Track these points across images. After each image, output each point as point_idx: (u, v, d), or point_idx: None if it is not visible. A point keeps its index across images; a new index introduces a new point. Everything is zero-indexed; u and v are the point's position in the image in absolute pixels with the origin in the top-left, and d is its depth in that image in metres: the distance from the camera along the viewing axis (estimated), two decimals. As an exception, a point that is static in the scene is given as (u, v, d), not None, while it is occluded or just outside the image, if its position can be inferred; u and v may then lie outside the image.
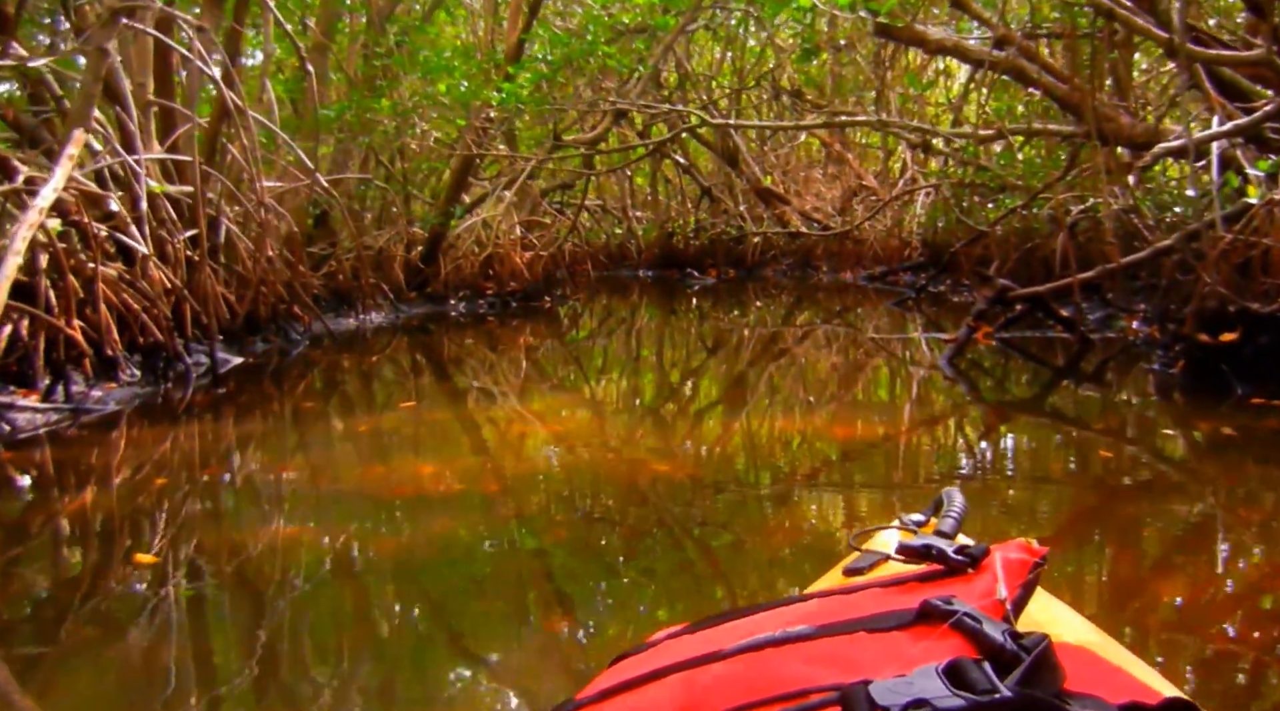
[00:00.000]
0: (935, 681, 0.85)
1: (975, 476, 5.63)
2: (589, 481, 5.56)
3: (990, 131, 14.55)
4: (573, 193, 19.73)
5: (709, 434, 7.01)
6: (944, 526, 1.49)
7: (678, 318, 16.93)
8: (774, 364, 10.38)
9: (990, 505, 4.90)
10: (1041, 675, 0.88)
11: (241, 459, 6.07)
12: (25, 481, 5.64)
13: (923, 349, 10.72)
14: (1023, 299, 9.54)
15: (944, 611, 1.01)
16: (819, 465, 6.04)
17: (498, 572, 4.16)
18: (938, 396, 8.26)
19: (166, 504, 5.14)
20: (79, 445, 6.37)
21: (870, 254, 21.16)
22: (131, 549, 4.51)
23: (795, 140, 24.97)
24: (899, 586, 1.23)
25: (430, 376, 10.01)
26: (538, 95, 13.88)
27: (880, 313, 15.63)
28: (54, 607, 3.76)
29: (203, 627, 3.67)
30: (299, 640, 3.51)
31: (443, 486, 5.26)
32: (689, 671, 1.04)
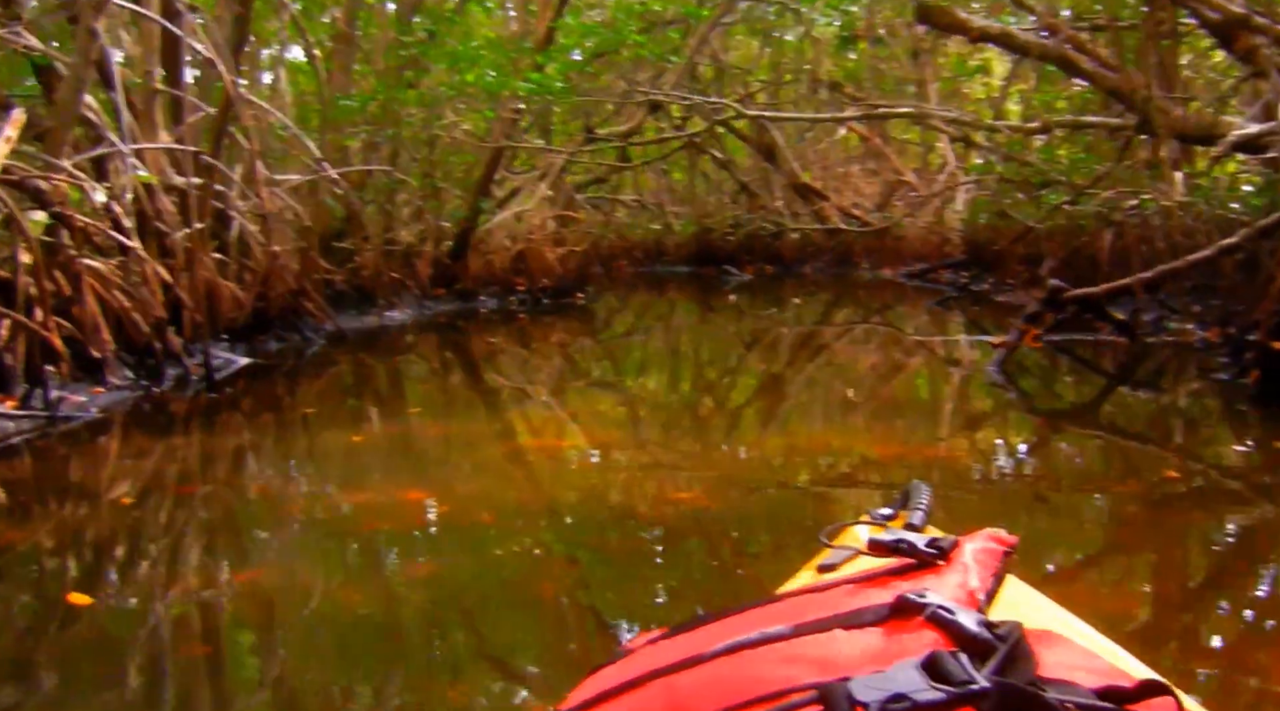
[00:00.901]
0: (913, 675, 0.81)
1: (1034, 497, 4.84)
2: (612, 513, 4.79)
3: (1035, 124, 13.72)
4: (607, 187, 18.93)
5: (745, 445, 6.22)
6: (913, 519, 1.47)
7: (714, 313, 16.18)
8: (812, 366, 9.58)
9: (1056, 530, 4.14)
10: (1017, 663, 0.87)
11: (217, 478, 5.32)
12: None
13: (968, 351, 9.87)
14: (1076, 301, 8.68)
15: (918, 604, 0.98)
16: (863, 484, 5.23)
17: (489, 632, 3.42)
18: (987, 405, 7.43)
19: (120, 531, 4.42)
20: (40, 458, 5.67)
21: (910, 250, 20.27)
22: (69, 585, 3.79)
23: (833, 135, 24.06)
24: (872, 581, 1.19)
25: (448, 379, 9.28)
26: (567, 85, 13.10)
27: (921, 311, 14.78)
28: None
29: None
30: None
31: (431, 518, 4.49)
32: (668, 677, 1.01)
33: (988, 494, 5.05)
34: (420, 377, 9.29)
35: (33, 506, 4.82)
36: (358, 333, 11.44)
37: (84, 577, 3.89)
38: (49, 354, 6.47)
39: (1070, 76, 12.62)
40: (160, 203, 8.26)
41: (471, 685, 2.99)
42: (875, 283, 19.38)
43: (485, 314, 13.83)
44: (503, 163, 15.75)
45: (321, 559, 4.00)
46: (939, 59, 20.48)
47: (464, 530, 4.33)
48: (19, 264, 6.63)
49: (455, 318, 13.41)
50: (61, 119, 7.41)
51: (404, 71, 13.42)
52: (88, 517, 4.63)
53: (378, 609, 3.49)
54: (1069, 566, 4.07)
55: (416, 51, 13.34)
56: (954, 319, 13.13)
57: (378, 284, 12.21)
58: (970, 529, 1.36)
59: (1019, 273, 15.52)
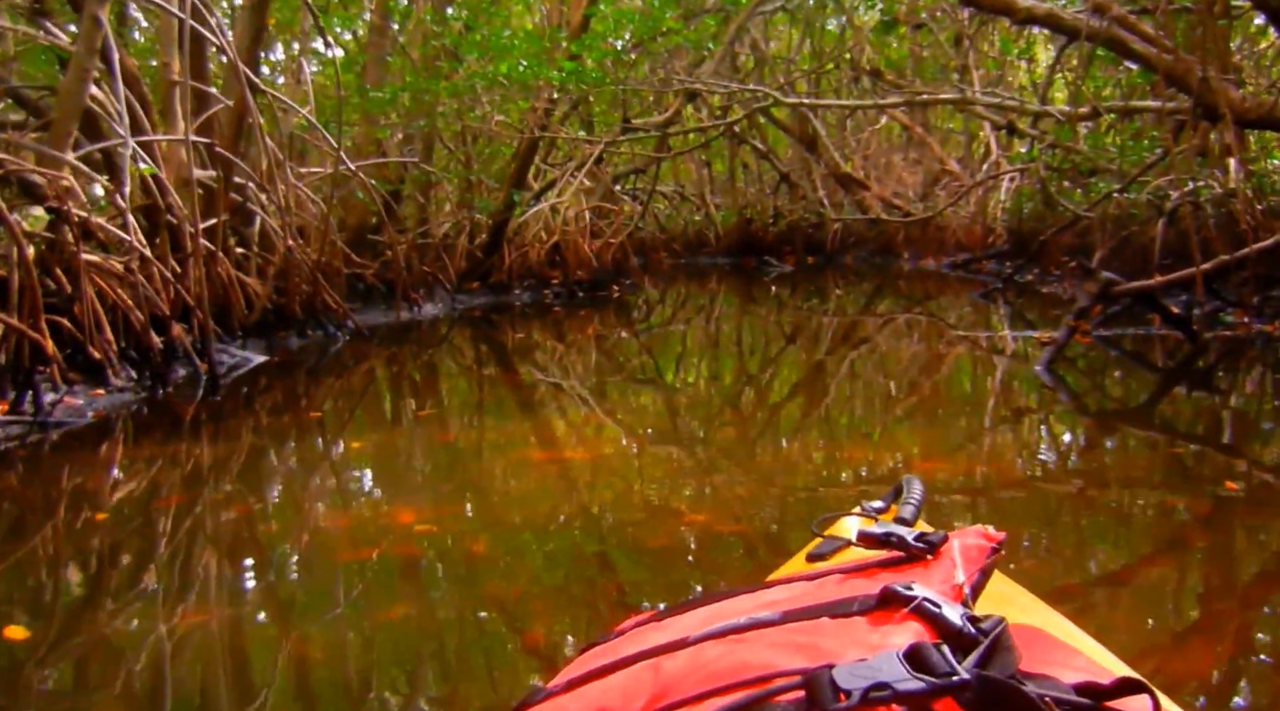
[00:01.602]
0: (896, 665, 0.81)
1: (1082, 505, 4.26)
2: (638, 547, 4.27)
3: (1084, 109, 13.02)
4: (646, 178, 18.38)
5: (785, 447, 5.65)
6: (904, 513, 1.45)
7: (755, 305, 15.61)
8: (854, 361, 8.99)
9: (1102, 539, 3.57)
10: (999, 656, 0.87)
11: (197, 493, 4.82)
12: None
13: (1014, 346, 9.24)
14: (1130, 294, 8.02)
15: (904, 596, 0.98)
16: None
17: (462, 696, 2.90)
18: (1035, 405, 6.79)
19: (80, 555, 3.95)
20: (18, 467, 5.19)
21: (953, 241, 19.56)
22: (6, 616, 3.32)
23: (875, 125, 23.36)
24: (861, 572, 1.19)
25: (474, 376, 8.78)
26: (599, 74, 12.55)
27: (964, 302, 14.13)
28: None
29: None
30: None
31: (419, 548, 3.99)
32: (656, 658, 1.00)
33: (1033, 499, 4.47)
34: (445, 375, 8.79)
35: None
36: (387, 328, 11.00)
37: (30, 606, 3.42)
38: (41, 356, 6.03)
39: (1121, 59, 11.89)
40: (171, 197, 7.80)
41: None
42: (917, 273, 18.71)
43: (519, 307, 13.35)
44: (538, 154, 15.26)
45: (281, 599, 3.47)
46: (983, 45, 19.75)
47: (453, 562, 3.82)
48: (11, 261, 6.20)
49: (489, 311, 12.94)
50: (64, 110, 6.96)
51: (437, 62, 12.95)
52: (51, 536, 4.16)
53: (333, 664, 2.98)
54: (1111, 576, 3.59)
55: (449, 42, 12.86)
56: (998, 311, 12.47)
57: (408, 278, 11.75)
58: (1011, 533, 1.40)
59: (1064, 263, 14.84)
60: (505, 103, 13.47)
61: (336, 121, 9.51)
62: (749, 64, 20.75)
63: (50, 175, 6.43)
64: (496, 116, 13.58)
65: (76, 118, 6.99)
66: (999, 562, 1.22)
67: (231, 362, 8.12)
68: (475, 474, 5.13)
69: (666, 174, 23.12)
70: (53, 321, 6.48)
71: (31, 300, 6.01)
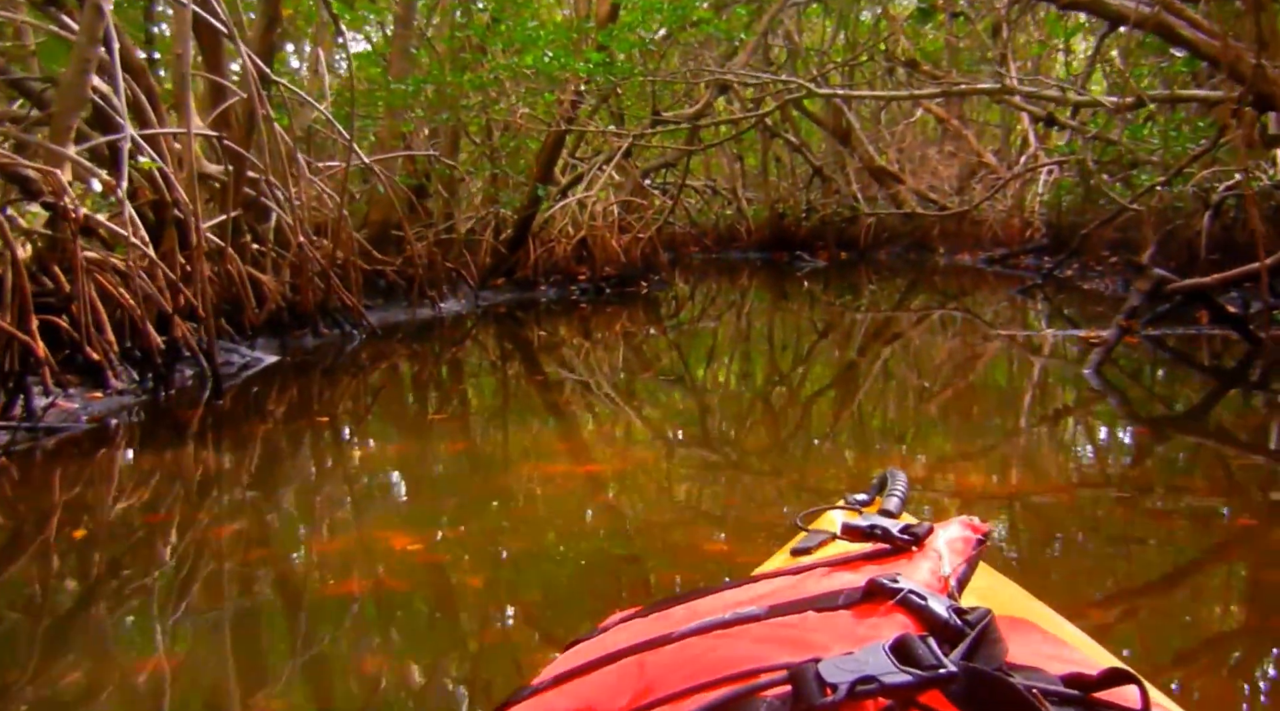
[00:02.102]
0: (882, 658, 0.80)
1: (1134, 518, 3.82)
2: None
3: (1129, 99, 12.47)
4: (676, 172, 17.93)
5: (819, 452, 5.24)
6: (888, 505, 1.43)
7: (788, 300, 15.17)
8: (889, 361, 8.53)
9: (1158, 554, 3.14)
10: (985, 648, 0.86)
11: (182, 510, 4.43)
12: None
13: (1058, 346, 8.74)
14: (1184, 292, 7.53)
15: (890, 589, 0.97)
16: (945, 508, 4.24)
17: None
18: (1086, 413, 6.34)
19: (48, 580, 3.58)
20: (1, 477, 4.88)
21: (989, 235, 19.04)
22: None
23: (910, 118, 22.80)
24: (846, 565, 1.17)
25: (494, 376, 8.39)
26: (628, 66, 12.12)
27: (1001, 298, 13.64)
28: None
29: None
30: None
31: (413, 579, 3.59)
32: (641, 654, 0.98)
33: (1085, 513, 4.06)
34: (464, 375, 8.40)
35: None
36: (409, 326, 10.65)
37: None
38: (32, 359, 5.68)
39: (1169, 44, 11.32)
40: (177, 192, 7.45)
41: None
42: (953, 268, 18.20)
43: (545, 304, 12.96)
44: (566, 148, 14.85)
45: (251, 641, 3.09)
46: (1019, 39, 19.14)
47: (444, 598, 3.42)
48: (4, 260, 5.86)
49: (514, 308, 12.56)
50: (65, 103, 6.61)
51: (462, 54, 12.56)
52: (18, 556, 3.80)
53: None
54: (1162, 593, 3.29)
55: (474, 33, 12.46)
56: (1037, 308, 11.96)
57: (431, 275, 11.37)
58: (1061, 548, 1.66)
59: (1105, 258, 14.30)
60: (531, 95, 13.04)
61: (350, 114, 9.12)
62: (782, 56, 20.25)
63: (42, 170, 6.07)
64: (522, 109, 13.15)
65: (78, 110, 6.63)
66: (984, 554, 1.20)
67: (242, 362, 7.78)
68: (490, 491, 4.70)
69: (698, 168, 22.67)
70: (50, 322, 6.15)
71: (20, 300, 5.66)
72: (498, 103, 12.63)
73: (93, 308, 6.43)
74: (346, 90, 11.61)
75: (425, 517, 4.21)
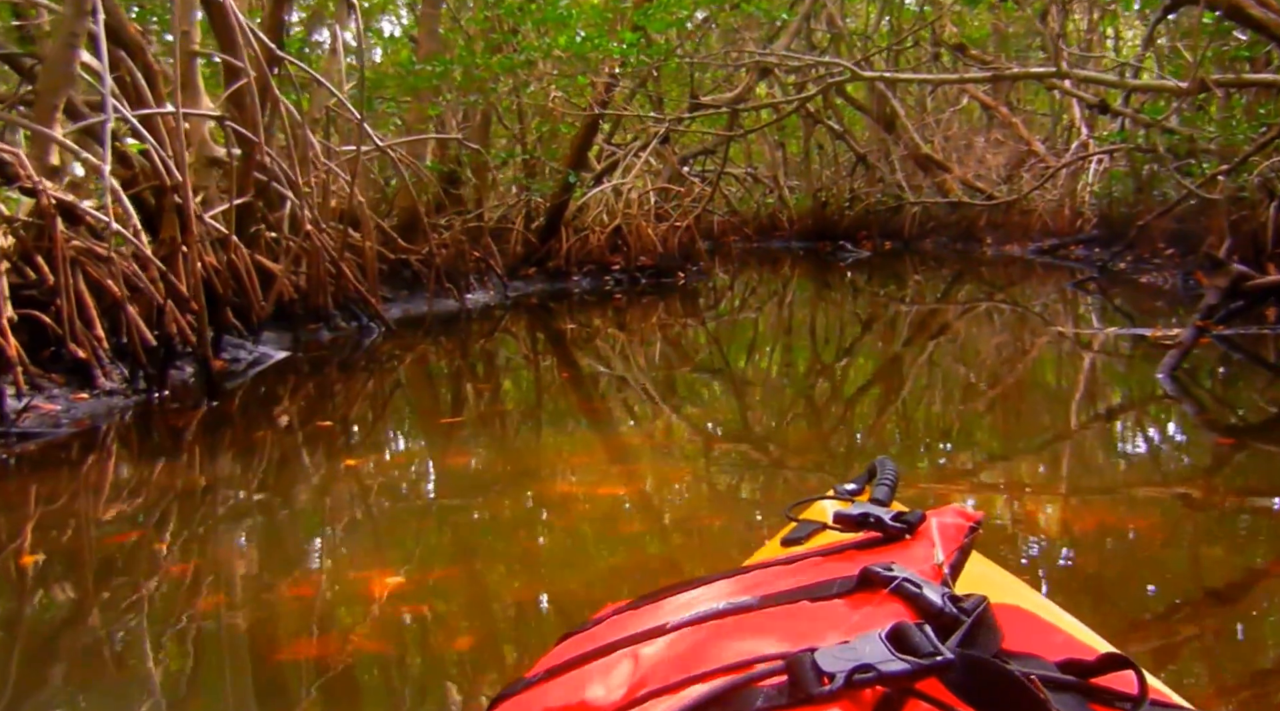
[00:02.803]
0: (878, 646, 0.79)
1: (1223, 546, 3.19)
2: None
3: (1187, 84, 11.69)
4: (715, 158, 17.27)
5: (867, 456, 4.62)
6: (878, 494, 1.39)
7: (830, 290, 14.54)
8: (939, 359, 7.87)
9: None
10: (981, 636, 0.85)
11: (156, 531, 3.86)
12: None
13: (1121, 346, 8.03)
14: (1267, 290, 6.82)
15: (884, 577, 0.96)
16: (1003, 534, 3.60)
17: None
18: (1159, 423, 5.66)
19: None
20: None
21: (1038, 225, 18.19)
22: None
23: (956, 104, 21.97)
24: (838, 554, 1.15)
25: (519, 375, 7.83)
26: (664, 46, 11.48)
27: (1052, 291, 12.91)
28: None
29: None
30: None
31: (389, 639, 3.00)
32: (635, 646, 0.97)
33: (1164, 534, 3.43)
34: (489, 373, 7.83)
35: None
36: (434, 318, 10.11)
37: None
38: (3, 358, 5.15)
39: (1237, 24, 10.54)
40: (174, 175, 6.91)
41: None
42: (1001, 259, 17.40)
43: (578, 295, 12.39)
44: (602, 134, 14.25)
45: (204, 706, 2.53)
46: (1071, 21, 18.31)
47: (431, 667, 2.83)
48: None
49: (546, 299, 12.00)
50: (50, 80, 6.08)
51: (491, 35, 11.97)
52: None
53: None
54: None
55: (505, 14, 11.86)
56: (1092, 302, 11.22)
57: (458, 264, 10.82)
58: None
59: (1161, 251, 13.51)
60: (564, 78, 12.43)
61: (366, 97, 8.56)
62: (824, 41, 19.50)
63: (8, 150, 5.54)
64: (555, 92, 12.54)
65: (65, 88, 6.10)
66: (977, 541, 1.18)
67: (250, 359, 7.25)
68: (499, 523, 4.10)
69: (738, 155, 21.98)
70: (32, 316, 5.63)
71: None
72: (529, 86, 12.02)
73: (80, 301, 5.91)
74: (368, 71, 11.08)
75: (421, 555, 3.63)
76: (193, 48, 7.83)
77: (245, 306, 7.76)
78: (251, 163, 7.78)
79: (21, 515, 4.05)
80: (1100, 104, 14.95)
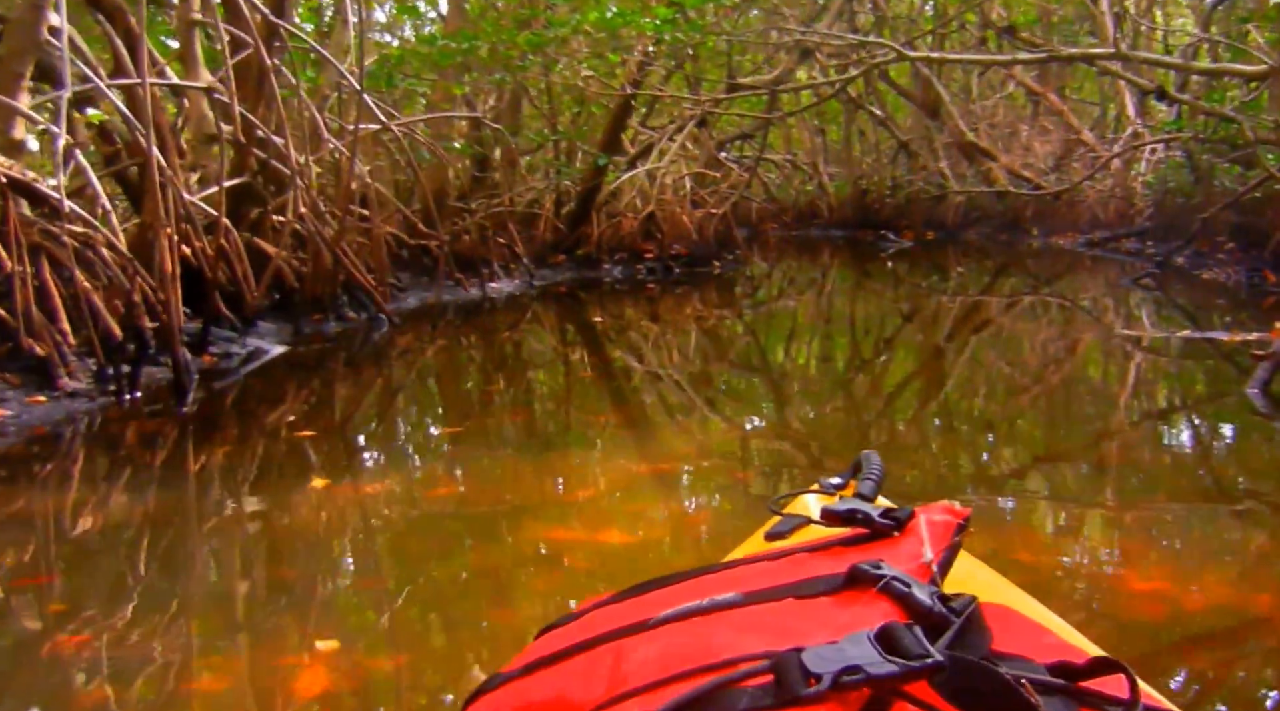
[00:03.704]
0: (867, 647, 0.75)
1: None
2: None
3: (1262, 67, 10.78)
4: (754, 144, 16.44)
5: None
6: (864, 489, 1.33)
7: (871, 280, 13.75)
8: (988, 362, 7.07)
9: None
10: (971, 637, 0.83)
11: (85, 569, 3.17)
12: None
13: (1185, 348, 7.19)
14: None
15: (872, 575, 0.92)
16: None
17: None
18: (1259, 450, 4.85)
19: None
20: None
21: (1087, 217, 17.26)
22: None
23: (1002, 91, 20.99)
24: (825, 551, 1.11)
25: (538, 372, 7.10)
26: (700, 23, 10.68)
27: (1102, 284, 12.08)
28: None
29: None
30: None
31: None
32: (617, 641, 0.93)
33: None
34: (501, 371, 7.11)
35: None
36: (456, 307, 9.40)
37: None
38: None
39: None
40: (152, 152, 6.20)
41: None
42: (1048, 251, 16.48)
43: (609, 284, 11.64)
44: (637, 117, 13.47)
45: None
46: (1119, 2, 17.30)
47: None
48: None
49: (575, 288, 11.26)
50: (14, 44, 5.38)
51: (520, 10, 11.21)
52: None
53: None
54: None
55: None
56: (1147, 298, 10.33)
57: (478, 251, 10.10)
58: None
59: (1223, 245, 12.58)
60: (595, 56, 11.65)
61: (360, 73, 7.82)
62: (868, 23, 18.59)
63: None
64: (585, 71, 11.76)
65: (30, 55, 5.40)
66: (965, 540, 1.13)
67: (243, 354, 6.55)
68: (497, 574, 3.37)
69: (777, 141, 21.15)
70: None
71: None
72: (558, 64, 11.24)
73: (44, 290, 5.23)
74: (395, 48, 10.35)
75: (370, 638, 2.89)
76: (192, 15, 7.13)
77: (239, 296, 7.10)
78: (250, 140, 7.08)
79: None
80: (1157, 89, 14.01)
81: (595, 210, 12.11)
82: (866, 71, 12.74)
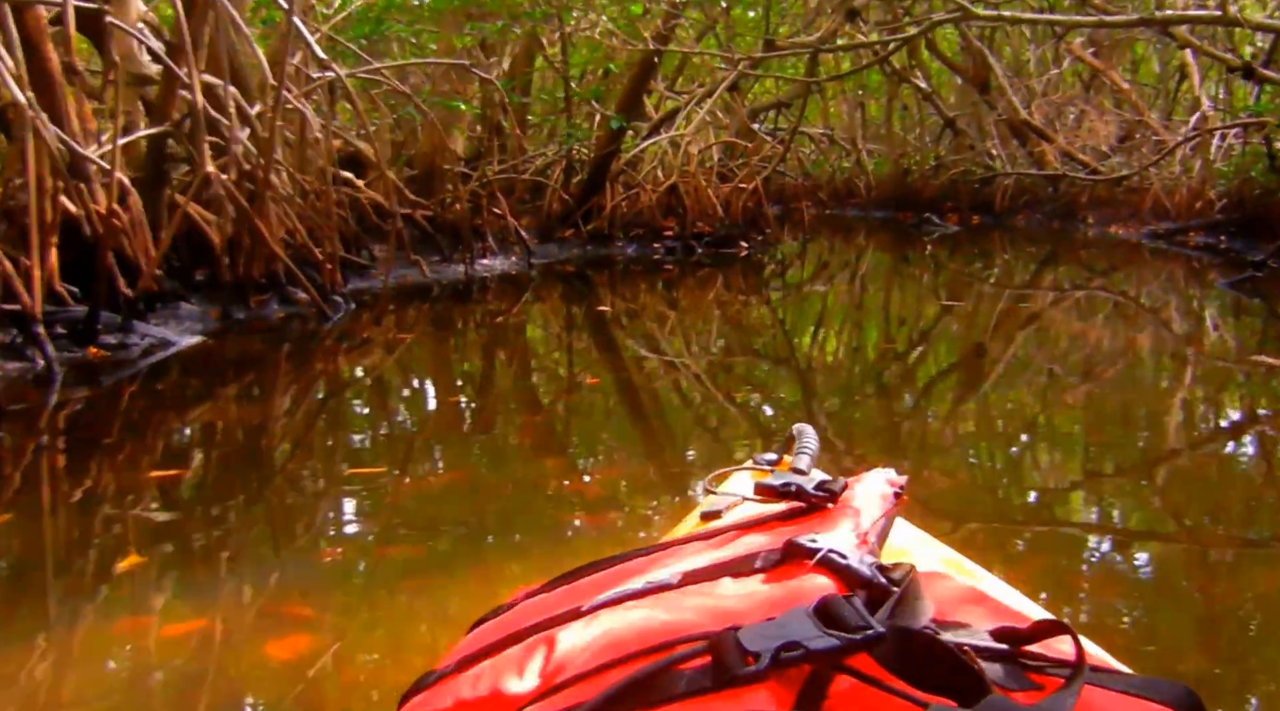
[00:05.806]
0: (806, 622, 0.72)
1: None
2: None
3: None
4: (790, 114, 14.88)
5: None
6: (799, 463, 1.24)
7: (909, 265, 12.32)
8: (1054, 370, 5.58)
9: None
10: (912, 606, 0.77)
11: None
12: None
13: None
14: None
15: (808, 549, 0.88)
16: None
17: None
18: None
19: None
20: None
21: (1149, 206, 15.62)
22: None
23: (1059, 67, 19.29)
24: (760, 526, 1.06)
25: (509, 379, 5.70)
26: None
27: (1163, 282, 10.57)
28: None
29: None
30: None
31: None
32: (551, 630, 0.86)
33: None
34: (469, 374, 5.72)
35: None
36: (439, 287, 8.03)
37: None
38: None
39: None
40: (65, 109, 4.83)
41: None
42: (1104, 241, 14.88)
43: (622, 263, 10.25)
44: (663, 79, 11.97)
45: None
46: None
47: None
48: None
49: (583, 266, 9.87)
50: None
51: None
52: None
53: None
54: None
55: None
56: (1258, 307, 8.76)
57: (469, 223, 8.68)
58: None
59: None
60: (615, 3, 10.16)
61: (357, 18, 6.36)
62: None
63: None
64: (602, 20, 10.26)
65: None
66: (903, 508, 1.11)
67: (143, 346, 5.16)
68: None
69: (814, 114, 19.58)
70: None
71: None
72: (571, 12, 9.74)
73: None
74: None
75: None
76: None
77: (177, 272, 5.73)
78: (176, 84, 5.68)
79: None
80: (1244, 67, 12.41)
81: (610, 180, 10.64)
82: (927, 30, 11.16)
